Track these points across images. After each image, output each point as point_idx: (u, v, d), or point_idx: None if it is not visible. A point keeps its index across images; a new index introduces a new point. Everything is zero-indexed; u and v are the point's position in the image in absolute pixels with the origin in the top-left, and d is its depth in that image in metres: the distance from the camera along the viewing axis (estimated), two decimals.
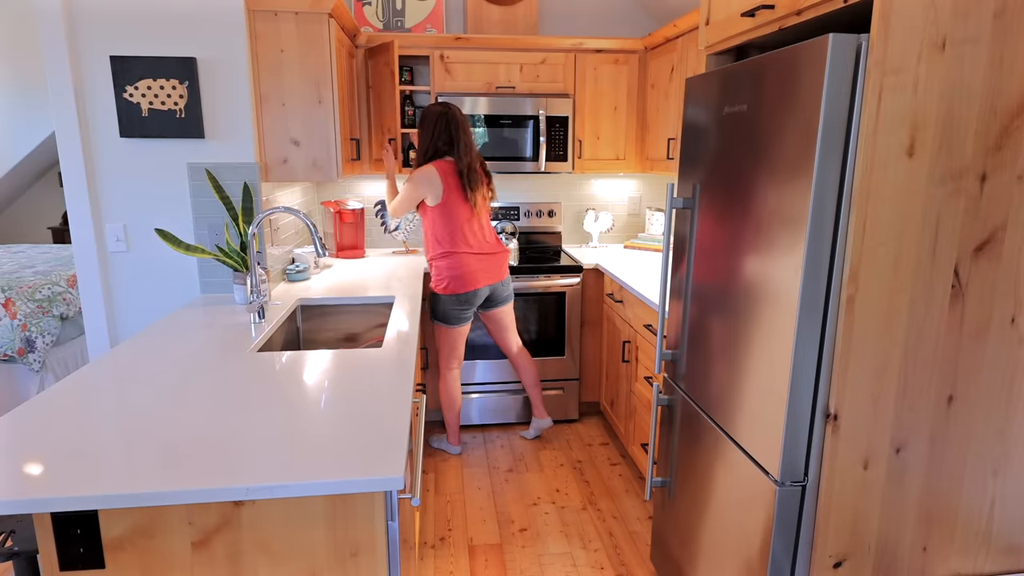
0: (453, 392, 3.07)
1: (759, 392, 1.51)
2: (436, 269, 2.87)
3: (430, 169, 2.74)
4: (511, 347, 3.13)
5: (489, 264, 2.88)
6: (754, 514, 1.53)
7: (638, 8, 3.74)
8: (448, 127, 2.75)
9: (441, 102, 2.79)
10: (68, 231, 5.33)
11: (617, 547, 2.45)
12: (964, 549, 1.49)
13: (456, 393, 3.08)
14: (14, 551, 1.36)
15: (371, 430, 1.32)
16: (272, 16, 2.45)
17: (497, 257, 2.92)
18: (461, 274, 2.82)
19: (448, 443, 3.18)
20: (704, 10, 1.88)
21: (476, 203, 2.80)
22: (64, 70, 2.31)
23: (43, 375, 3.28)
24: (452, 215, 2.78)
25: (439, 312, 2.92)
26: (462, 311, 2.89)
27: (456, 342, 2.98)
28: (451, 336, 2.96)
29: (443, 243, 2.82)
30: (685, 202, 1.91)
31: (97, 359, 1.76)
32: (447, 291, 2.85)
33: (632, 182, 3.96)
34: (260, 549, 1.20)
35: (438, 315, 2.93)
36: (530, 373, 3.17)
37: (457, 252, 2.82)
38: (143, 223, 2.48)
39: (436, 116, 2.75)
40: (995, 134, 1.25)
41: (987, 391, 1.39)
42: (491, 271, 2.89)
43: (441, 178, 2.74)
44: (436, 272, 2.87)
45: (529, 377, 3.18)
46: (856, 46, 1.21)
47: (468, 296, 2.86)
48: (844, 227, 1.28)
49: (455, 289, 2.84)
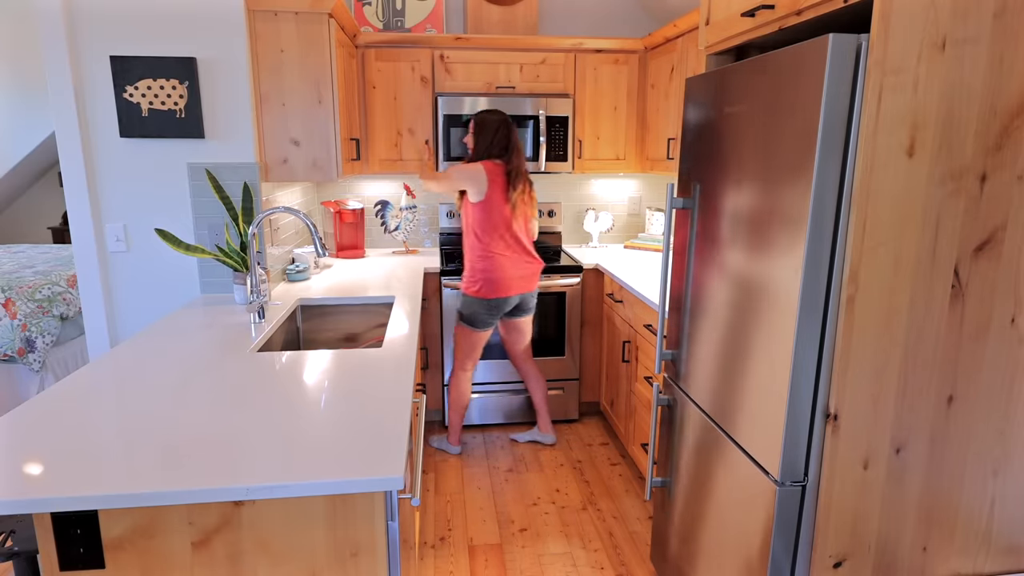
0: (464, 392, 3.06)
1: (759, 392, 1.51)
2: (471, 271, 2.84)
3: (477, 167, 2.75)
4: (523, 355, 3.13)
5: (524, 272, 2.88)
6: (754, 514, 1.53)
7: (638, 8, 3.74)
8: (508, 134, 2.81)
9: (496, 110, 2.85)
10: (68, 231, 5.33)
11: (617, 547, 2.45)
12: (964, 549, 1.49)
13: (466, 394, 3.07)
14: (14, 551, 1.36)
15: (371, 430, 1.32)
16: (272, 16, 2.45)
17: (533, 266, 2.92)
18: (496, 279, 2.81)
19: (448, 443, 3.17)
20: (704, 10, 1.88)
21: (516, 204, 2.80)
22: (64, 70, 2.31)
23: (43, 375, 3.28)
24: (493, 215, 2.77)
25: (466, 313, 2.90)
26: (490, 316, 2.88)
27: (476, 345, 2.97)
28: (472, 338, 2.95)
29: (483, 242, 2.80)
30: (685, 202, 1.90)
31: (97, 359, 1.76)
32: (479, 294, 2.83)
33: (632, 182, 3.96)
34: (260, 549, 1.20)
35: (465, 316, 2.91)
36: (541, 387, 3.18)
37: (495, 255, 2.80)
38: (143, 223, 2.48)
39: (497, 123, 2.79)
40: (995, 134, 1.25)
41: (987, 391, 1.39)
42: (525, 280, 2.90)
43: (488, 176, 2.74)
44: (470, 273, 2.84)
45: (540, 392, 3.19)
46: (856, 46, 1.21)
47: (499, 302, 2.85)
48: (844, 227, 1.28)
49: (487, 293, 2.82)
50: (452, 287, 3.24)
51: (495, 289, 2.82)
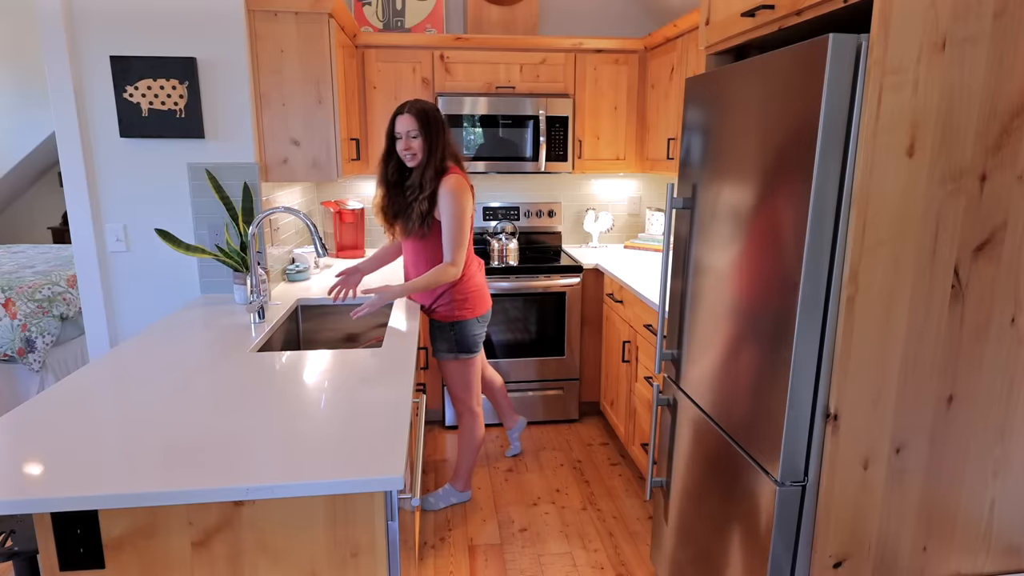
0: (481, 434, 2.66)
1: (759, 392, 1.51)
2: (460, 292, 2.39)
3: (462, 183, 2.27)
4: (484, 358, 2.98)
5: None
6: (754, 514, 1.53)
7: (638, 8, 3.74)
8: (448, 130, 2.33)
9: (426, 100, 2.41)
10: (68, 231, 5.33)
11: (617, 547, 2.45)
12: (964, 549, 1.48)
13: (482, 434, 2.67)
14: (14, 551, 1.36)
15: (371, 430, 1.32)
16: (272, 16, 2.45)
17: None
18: (481, 292, 2.47)
19: (458, 491, 2.73)
20: (704, 10, 1.88)
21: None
22: (64, 70, 2.31)
23: (43, 375, 3.28)
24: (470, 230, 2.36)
25: (465, 342, 2.45)
26: (482, 332, 2.51)
27: (476, 371, 2.56)
28: (472, 367, 2.52)
29: (469, 262, 2.43)
30: (685, 202, 1.90)
31: (97, 359, 1.76)
32: (473, 314, 2.43)
33: (632, 182, 3.96)
34: (260, 549, 1.20)
35: (464, 346, 2.45)
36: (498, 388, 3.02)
37: (472, 269, 2.45)
38: (143, 223, 2.48)
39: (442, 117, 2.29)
40: (995, 134, 1.25)
41: (987, 391, 1.39)
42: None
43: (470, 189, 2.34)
44: (460, 295, 2.39)
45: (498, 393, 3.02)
46: (856, 46, 1.21)
47: (488, 314, 2.52)
48: (844, 227, 1.28)
49: (479, 310, 2.46)
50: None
51: (483, 301, 2.48)
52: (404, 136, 2.23)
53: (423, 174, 2.25)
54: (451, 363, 2.49)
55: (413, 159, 2.25)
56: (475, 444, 2.64)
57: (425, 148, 2.23)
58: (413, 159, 2.25)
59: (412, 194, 2.28)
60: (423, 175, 2.25)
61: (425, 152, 2.24)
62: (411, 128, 2.21)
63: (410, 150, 2.23)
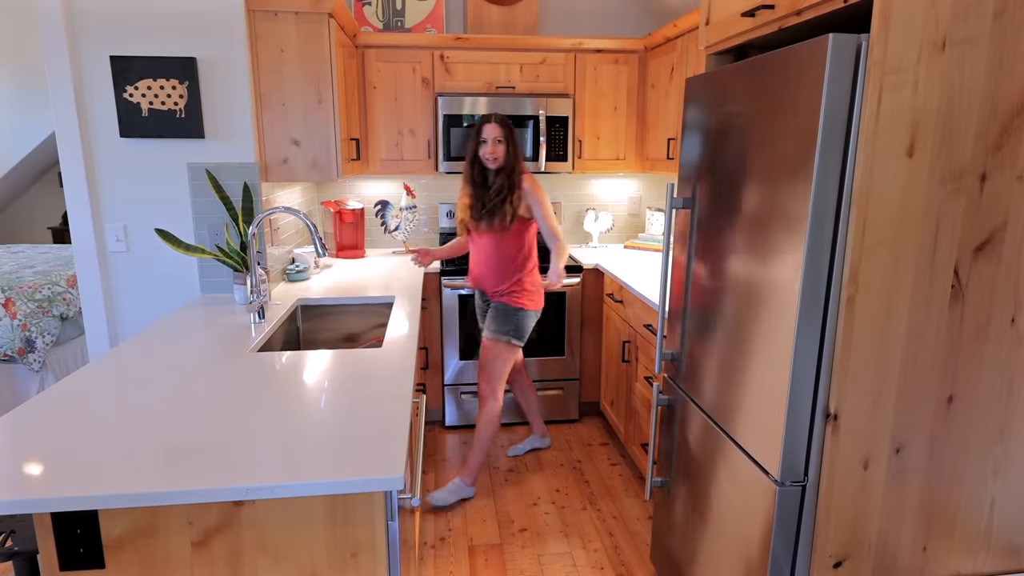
0: (498, 423, 2.76)
1: (759, 392, 1.51)
2: (531, 284, 2.68)
3: (533, 177, 2.62)
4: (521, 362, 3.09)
5: None
6: (754, 514, 1.53)
7: (638, 8, 3.74)
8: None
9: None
10: (68, 231, 5.33)
11: (617, 547, 2.45)
12: (964, 549, 1.49)
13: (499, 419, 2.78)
14: (14, 551, 1.36)
15: (371, 430, 1.32)
16: (272, 16, 2.45)
17: None
18: (542, 290, 2.74)
19: (467, 486, 2.77)
20: (704, 10, 1.88)
21: None
22: (64, 70, 2.31)
23: (43, 375, 3.28)
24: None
25: (520, 330, 2.68)
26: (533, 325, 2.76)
27: (512, 362, 2.75)
28: (515, 355, 2.74)
29: (534, 256, 2.70)
30: (685, 202, 1.90)
31: (97, 359, 1.76)
32: (536, 306, 2.70)
33: (632, 182, 3.96)
34: (260, 549, 1.20)
35: (519, 334, 2.68)
36: (534, 393, 3.14)
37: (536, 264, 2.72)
38: (143, 223, 2.48)
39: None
40: (995, 134, 1.25)
41: (987, 391, 1.39)
42: None
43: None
44: (532, 286, 2.67)
45: (534, 399, 3.13)
46: (856, 46, 1.21)
47: (540, 312, 2.78)
48: (844, 227, 1.28)
49: (540, 304, 2.73)
50: (452, 287, 3.24)
51: (542, 298, 2.74)
52: (490, 141, 2.52)
53: (510, 176, 2.55)
54: (501, 345, 2.68)
55: (495, 162, 2.54)
56: (492, 429, 2.74)
57: (509, 153, 2.54)
58: (495, 162, 2.54)
59: (500, 194, 2.55)
60: (510, 177, 2.56)
61: (509, 156, 2.54)
62: (498, 135, 2.52)
63: (494, 154, 2.52)
